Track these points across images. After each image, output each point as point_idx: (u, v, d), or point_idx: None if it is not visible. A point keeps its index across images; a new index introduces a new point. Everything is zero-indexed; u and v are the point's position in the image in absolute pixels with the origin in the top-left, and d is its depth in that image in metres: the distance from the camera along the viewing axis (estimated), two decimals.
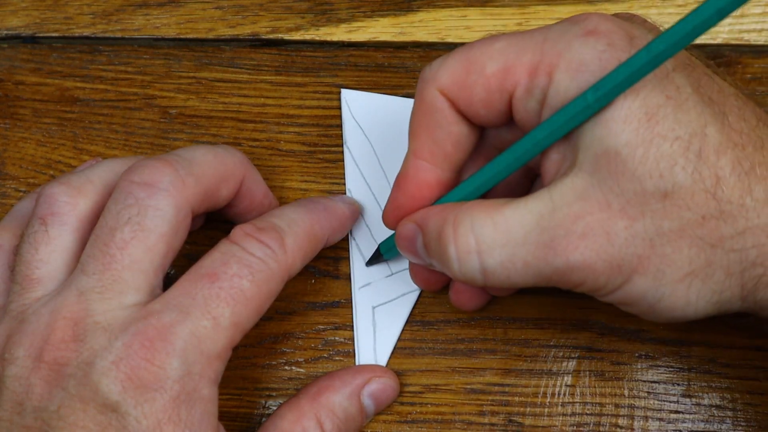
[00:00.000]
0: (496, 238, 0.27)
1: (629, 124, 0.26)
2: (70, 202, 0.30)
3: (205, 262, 0.29)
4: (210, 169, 0.31)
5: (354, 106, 0.36)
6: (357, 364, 0.34)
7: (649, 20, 0.30)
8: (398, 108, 0.36)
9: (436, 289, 0.34)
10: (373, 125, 0.36)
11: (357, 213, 0.35)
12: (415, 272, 0.33)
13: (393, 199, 0.31)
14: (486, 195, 0.30)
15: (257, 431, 0.31)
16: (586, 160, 0.26)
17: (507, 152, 0.28)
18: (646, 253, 0.26)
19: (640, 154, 0.25)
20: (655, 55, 0.25)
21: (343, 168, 0.36)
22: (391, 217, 0.31)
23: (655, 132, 0.26)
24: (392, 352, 0.34)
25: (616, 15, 0.29)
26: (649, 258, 0.26)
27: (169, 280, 0.29)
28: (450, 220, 0.28)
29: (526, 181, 0.32)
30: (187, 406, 0.27)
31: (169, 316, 0.27)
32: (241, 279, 0.28)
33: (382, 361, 0.34)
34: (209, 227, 0.36)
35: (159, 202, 0.29)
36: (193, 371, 0.27)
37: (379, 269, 0.35)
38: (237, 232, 0.30)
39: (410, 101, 0.36)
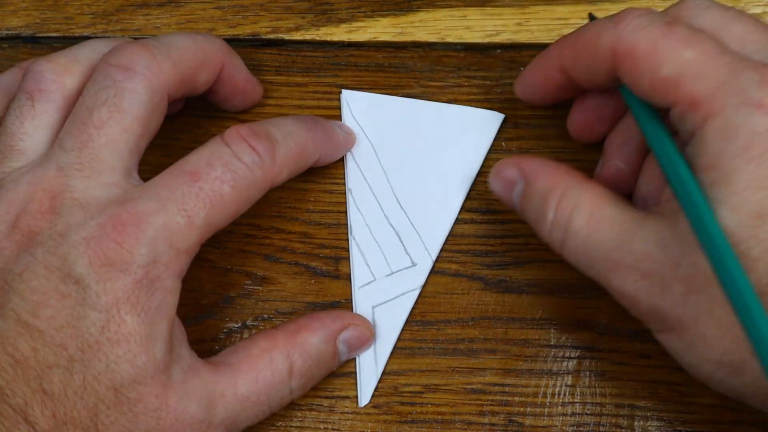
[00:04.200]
0: (583, 229, 0.29)
1: (737, 214, 0.25)
2: (56, 80, 0.31)
3: (191, 158, 0.29)
4: (188, 53, 0.31)
5: (354, 106, 0.36)
6: (357, 363, 0.34)
7: None
8: (399, 108, 0.36)
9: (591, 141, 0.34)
10: (374, 125, 0.36)
11: (352, 142, 0.36)
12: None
13: (527, 71, 0.33)
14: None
15: (227, 349, 0.31)
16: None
17: (656, 143, 0.28)
18: (689, 323, 0.27)
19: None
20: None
21: (343, 168, 0.36)
22: (520, 88, 0.34)
23: (754, 233, 0.25)
24: (392, 352, 0.34)
25: None
26: (690, 330, 0.27)
27: None
28: (560, 189, 0.29)
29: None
30: (148, 292, 0.28)
31: (145, 204, 0.28)
32: (222, 183, 0.29)
33: (382, 360, 0.34)
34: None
35: (136, 85, 0.29)
36: (159, 260, 0.28)
37: (379, 268, 0.35)
38: (231, 132, 0.30)
39: (411, 101, 0.36)
